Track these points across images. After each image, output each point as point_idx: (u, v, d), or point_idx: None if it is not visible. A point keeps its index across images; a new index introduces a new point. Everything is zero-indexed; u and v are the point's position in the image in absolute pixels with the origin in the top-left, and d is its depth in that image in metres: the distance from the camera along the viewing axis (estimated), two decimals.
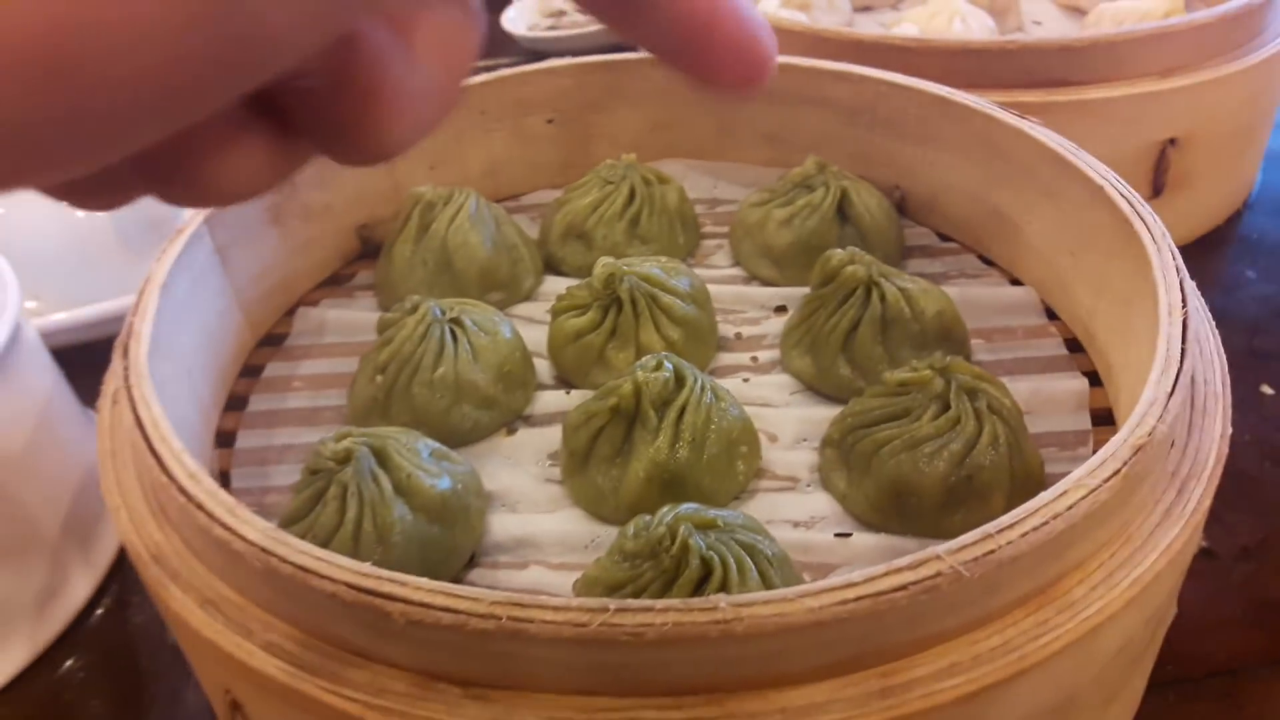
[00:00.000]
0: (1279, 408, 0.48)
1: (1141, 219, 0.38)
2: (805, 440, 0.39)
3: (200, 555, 0.30)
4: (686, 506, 0.31)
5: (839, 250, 0.42)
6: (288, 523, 0.34)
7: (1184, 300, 0.33)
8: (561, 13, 0.95)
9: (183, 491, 0.29)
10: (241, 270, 0.45)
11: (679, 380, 0.36)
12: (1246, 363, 0.50)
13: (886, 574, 0.25)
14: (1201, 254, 0.59)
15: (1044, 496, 0.26)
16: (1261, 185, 0.65)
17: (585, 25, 0.90)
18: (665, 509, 0.31)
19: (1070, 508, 0.26)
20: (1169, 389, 0.30)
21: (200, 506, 0.28)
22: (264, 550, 0.27)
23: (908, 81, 0.48)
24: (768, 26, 0.18)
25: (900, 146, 0.50)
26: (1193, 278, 0.36)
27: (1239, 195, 0.64)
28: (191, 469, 0.30)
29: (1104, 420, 0.39)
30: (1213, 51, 0.56)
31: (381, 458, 0.34)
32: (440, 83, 0.16)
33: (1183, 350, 0.31)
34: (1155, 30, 0.54)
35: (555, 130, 0.55)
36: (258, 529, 0.27)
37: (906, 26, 0.64)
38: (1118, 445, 0.28)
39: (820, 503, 0.36)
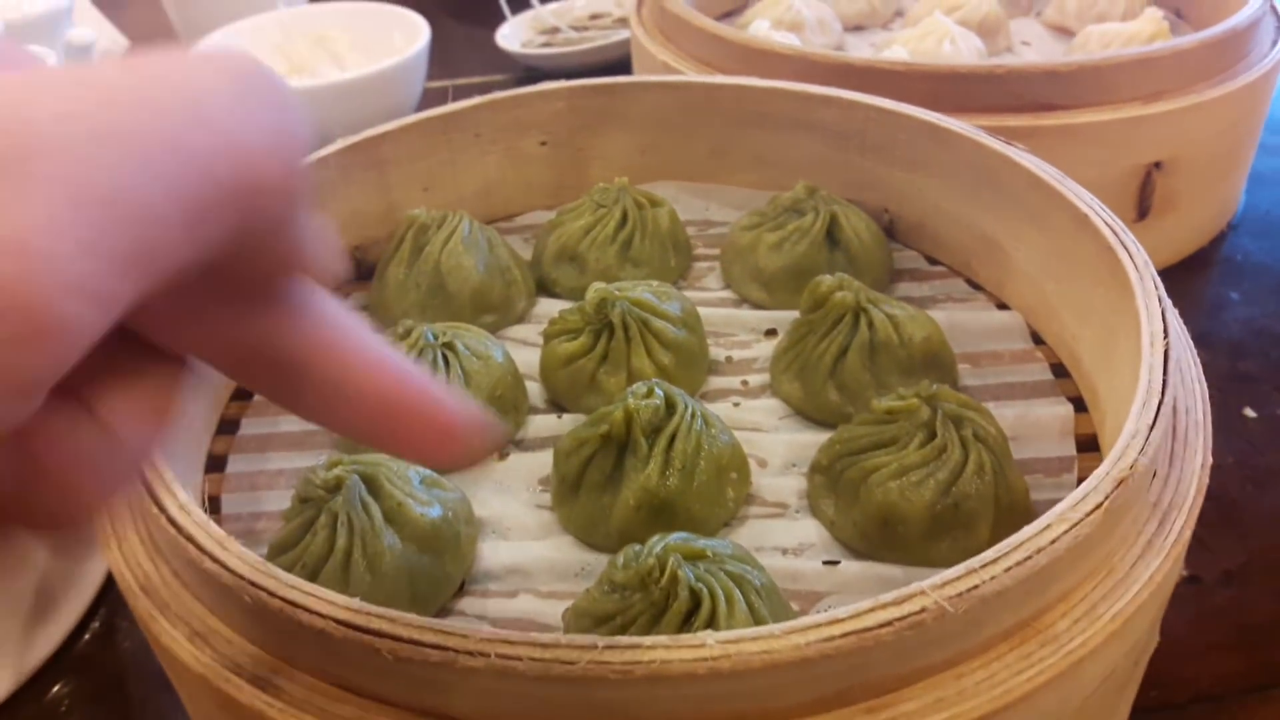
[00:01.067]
0: (1261, 430, 0.48)
1: (1125, 248, 0.38)
2: (794, 465, 0.40)
3: (190, 587, 0.30)
4: (676, 536, 0.31)
5: (828, 276, 0.42)
6: (278, 551, 0.34)
7: (1165, 330, 0.34)
8: (555, 29, 0.95)
9: (173, 523, 0.29)
10: None
11: (669, 407, 0.37)
12: (1229, 386, 0.51)
13: (872, 609, 0.25)
14: (1186, 276, 0.60)
15: (1027, 531, 0.27)
16: (1246, 206, 0.66)
17: (578, 43, 0.91)
18: (655, 539, 0.31)
19: (1053, 542, 0.27)
20: (1150, 421, 0.30)
21: (190, 539, 0.29)
22: (253, 584, 0.27)
23: (896, 107, 0.48)
24: (449, 396, 0.19)
25: (890, 170, 0.51)
26: (1177, 300, 0.37)
27: (1224, 217, 0.65)
28: (182, 500, 0.30)
29: (1089, 446, 0.40)
30: (1197, 76, 0.57)
31: (372, 486, 0.34)
32: (129, 444, 0.16)
33: (1164, 381, 0.31)
34: (1140, 55, 0.55)
35: (549, 152, 0.56)
36: (247, 563, 0.28)
37: (896, 49, 0.64)
38: (1100, 478, 0.28)
39: (809, 529, 0.37)
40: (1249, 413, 0.49)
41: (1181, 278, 0.60)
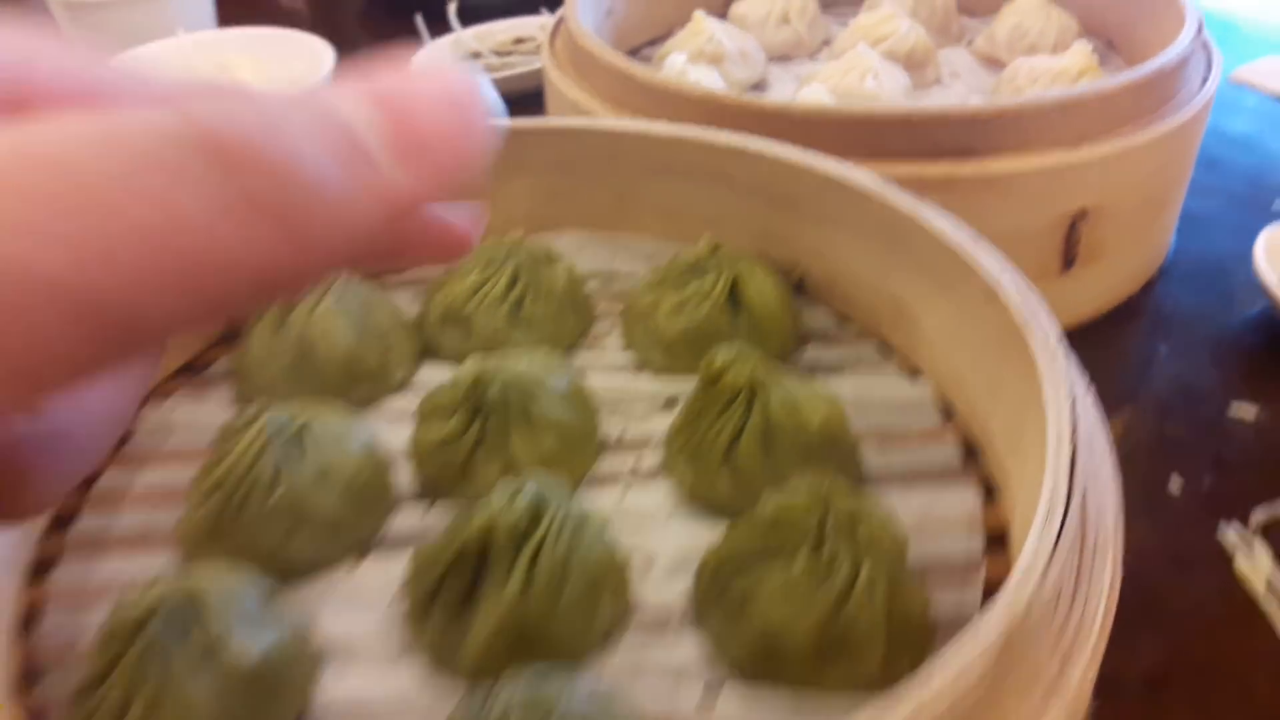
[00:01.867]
0: (1189, 504, 0.45)
1: (1037, 324, 0.35)
2: (684, 563, 0.36)
3: None
4: (522, 686, 0.27)
5: (722, 350, 0.39)
6: (81, 696, 0.30)
7: (1074, 427, 0.31)
8: (477, 55, 0.91)
9: None
10: None
11: (537, 512, 0.33)
12: (1158, 451, 0.48)
13: None
14: (1114, 329, 0.57)
15: (904, 695, 0.23)
16: (1177, 250, 0.64)
17: (500, 69, 0.87)
18: (499, 687, 0.27)
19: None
20: (1050, 548, 0.27)
21: None
22: None
23: (800, 159, 0.45)
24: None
25: (799, 225, 0.47)
26: (1104, 356, 0.34)
27: (1154, 263, 0.62)
28: None
29: (1000, 536, 0.37)
30: (1122, 120, 0.55)
31: (193, 613, 0.30)
32: (88, 425, 0.15)
33: (1068, 497, 0.28)
34: (1063, 100, 0.52)
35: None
36: None
37: (816, 86, 0.61)
38: (987, 628, 0.25)
39: (690, 649, 0.33)
40: (1174, 484, 0.47)
41: (1110, 330, 0.57)
